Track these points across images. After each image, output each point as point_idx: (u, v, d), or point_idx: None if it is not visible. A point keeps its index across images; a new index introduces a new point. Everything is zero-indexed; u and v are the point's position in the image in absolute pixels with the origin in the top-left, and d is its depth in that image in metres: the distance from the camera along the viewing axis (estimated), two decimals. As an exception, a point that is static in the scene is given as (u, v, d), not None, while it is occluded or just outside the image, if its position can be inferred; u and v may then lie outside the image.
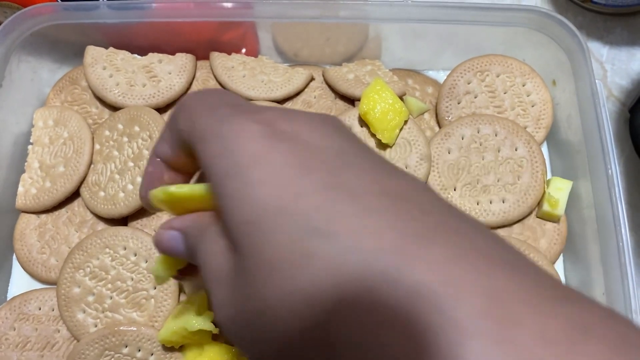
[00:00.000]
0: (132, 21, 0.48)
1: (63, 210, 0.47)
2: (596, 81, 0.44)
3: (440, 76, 0.52)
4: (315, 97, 0.51)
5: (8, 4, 0.52)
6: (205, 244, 0.23)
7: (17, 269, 0.47)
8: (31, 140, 0.49)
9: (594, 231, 0.42)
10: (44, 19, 0.48)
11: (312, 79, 0.51)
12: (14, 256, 0.47)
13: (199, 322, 0.39)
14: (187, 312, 0.40)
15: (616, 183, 0.41)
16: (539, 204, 0.45)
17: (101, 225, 0.47)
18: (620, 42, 0.57)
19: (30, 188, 0.47)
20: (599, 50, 0.57)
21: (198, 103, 0.24)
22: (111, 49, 0.50)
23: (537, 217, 0.45)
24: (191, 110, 0.24)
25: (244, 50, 0.52)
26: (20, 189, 0.47)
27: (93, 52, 0.50)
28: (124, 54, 0.50)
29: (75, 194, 0.47)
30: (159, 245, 0.27)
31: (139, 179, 0.45)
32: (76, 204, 0.47)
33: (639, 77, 0.55)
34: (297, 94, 0.50)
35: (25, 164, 0.48)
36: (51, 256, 0.46)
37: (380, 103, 0.45)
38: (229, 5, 0.46)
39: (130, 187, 0.45)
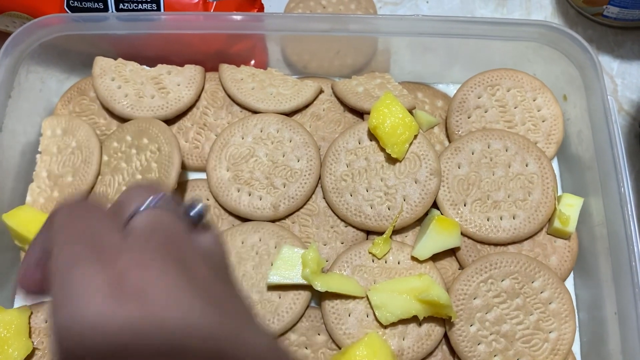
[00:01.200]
0: (141, 32, 0.48)
1: (70, 222, 0.47)
2: (608, 97, 0.43)
3: (450, 89, 0.52)
4: (324, 110, 0.50)
5: (17, 13, 0.52)
6: None
7: (23, 281, 0.46)
8: (39, 149, 0.49)
9: (606, 249, 0.42)
10: (53, 29, 0.48)
11: (321, 91, 0.51)
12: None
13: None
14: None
15: (629, 201, 0.41)
16: (550, 220, 0.44)
17: (108, 237, 0.46)
18: (631, 56, 0.56)
19: (39, 197, 0.47)
20: (609, 64, 0.56)
21: (64, 228, 0.24)
22: (120, 60, 0.50)
23: (548, 233, 0.45)
24: (56, 234, 0.24)
25: (252, 62, 0.52)
26: (29, 198, 0.47)
27: (102, 63, 0.50)
28: (132, 65, 0.50)
29: (82, 205, 0.47)
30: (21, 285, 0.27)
31: (147, 192, 0.44)
32: (83, 216, 0.47)
33: (650, 92, 0.55)
34: (306, 106, 0.50)
35: (34, 173, 0.48)
36: (58, 268, 0.46)
37: (390, 117, 0.44)
38: (238, 17, 0.46)
39: (138, 199, 0.45)
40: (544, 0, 0.59)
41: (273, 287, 0.43)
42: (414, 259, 0.43)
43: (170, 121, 0.49)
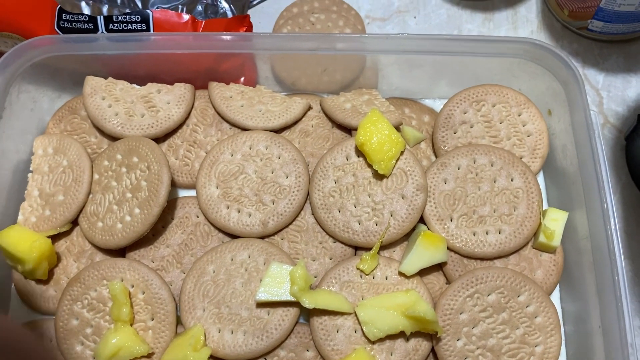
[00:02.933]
0: (131, 52, 0.48)
1: (62, 241, 0.47)
2: (591, 112, 0.44)
3: (437, 105, 0.53)
4: (312, 126, 0.51)
5: (8, 34, 0.52)
6: None
7: (15, 300, 0.47)
8: (31, 168, 0.49)
9: (590, 263, 0.42)
10: (44, 50, 0.48)
11: (310, 108, 0.51)
12: (13, 286, 0.47)
13: (195, 358, 0.39)
14: (183, 346, 0.40)
15: (612, 216, 0.41)
16: (535, 234, 0.45)
17: (99, 256, 0.47)
18: (616, 69, 0.57)
19: (30, 216, 0.47)
20: (594, 77, 0.57)
21: None
22: (110, 79, 0.51)
23: (534, 247, 0.45)
24: None
25: (242, 79, 0.53)
26: (20, 217, 0.48)
27: (92, 83, 0.50)
28: (122, 84, 0.51)
29: (73, 223, 0.47)
30: None
31: (137, 211, 0.45)
32: (75, 234, 0.48)
33: (635, 104, 0.56)
34: (295, 122, 0.51)
35: (25, 192, 0.48)
36: (49, 287, 0.46)
37: (377, 134, 0.45)
38: (227, 37, 0.47)
39: (128, 218, 0.45)
40: (530, 14, 0.60)
41: (262, 304, 0.43)
42: (401, 274, 0.44)
43: (160, 139, 0.50)
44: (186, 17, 0.51)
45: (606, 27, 0.55)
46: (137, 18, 0.51)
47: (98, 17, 0.51)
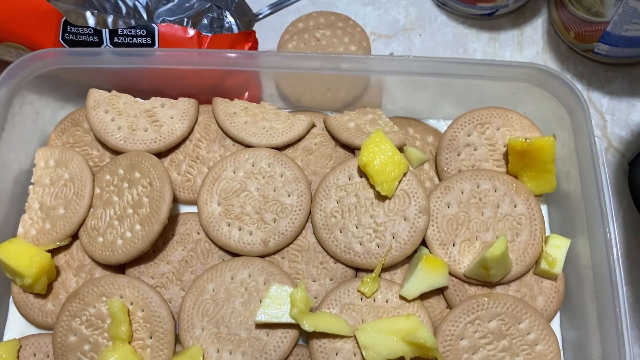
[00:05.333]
0: (135, 67, 0.48)
1: (61, 254, 0.47)
2: (596, 139, 0.44)
3: (441, 125, 0.52)
4: (315, 144, 0.51)
5: (12, 44, 0.52)
6: None
7: (13, 313, 0.47)
8: (32, 180, 0.49)
9: (592, 291, 0.42)
10: (48, 62, 0.48)
11: (313, 125, 0.51)
12: (11, 299, 0.47)
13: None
14: (182, 368, 0.40)
15: (614, 245, 0.41)
16: (537, 261, 0.45)
17: (99, 270, 0.47)
18: (621, 92, 0.57)
19: (30, 229, 0.47)
20: (599, 100, 0.57)
21: None
22: (114, 92, 0.51)
23: (535, 273, 0.45)
24: None
25: (246, 94, 0.53)
26: (20, 229, 0.47)
27: (95, 95, 0.50)
28: (126, 98, 0.51)
29: (73, 237, 0.47)
30: None
31: (138, 227, 0.45)
32: (74, 248, 0.48)
33: (638, 129, 0.56)
34: (298, 140, 0.51)
35: (26, 204, 0.48)
36: (48, 301, 0.46)
37: (380, 155, 0.45)
38: (232, 55, 0.47)
39: (128, 234, 0.45)
40: (536, 35, 0.60)
41: (261, 325, 0.43)
42: (402, 297, 0.43)
43: (163, 153, 0.50)
44: (192, 32, 0.50)
45: (612, 50, 0.55)
46: (143, 32, 0.50)
47: (103, 30, 0.51)
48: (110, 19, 0.57)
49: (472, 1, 0.58)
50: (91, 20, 0.57)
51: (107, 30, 0.51)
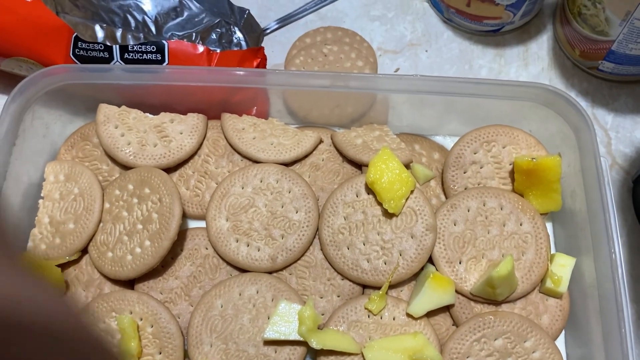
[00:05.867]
0: (145, 83, 0.49)
1: (71, 269, 0.48)
2: (601, 158, 0.44)
3: (447, 142, 0.53)
4: (323, 160, 0.51)
5: (23, 59, 0.52)
6: None
7: (23, 327, 0.47)
8: (42, 195, 0.49)
9: (597, 310, 0.43)
10: (60, 78, 0.48)
11: (321, 141, 0.52)
12: (21, 313, 0.47)
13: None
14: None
15: (619, 265, 0.42)
16: (542, 279, 0.45)
17: (108, 285, 0.47)
18: (625, 109, 0.58)
19: (40, 244, 0.48)
20: (603, 118, 0.57)
21: None
22: (123, 107, 0.51)
23: (540, 292, 0.46)
24: None
25: (254, 110, 0.53)
26: (30, 244, 0.48)
27: (105, 111, 0.50)
28: (136, 113, 0.51)
29: (83, 251, 0.48)
30: None
31: (147, 243, 0.45)
32: (84, 262, 0.48)
33: (643, 146, 0.56)
34: (306, 156, 0.51)
35: (36, 218, 0.48)
36: (57, 315, 0.46)
37: (387, 173, 0.45)
38: (241, 73, 0.47)
39: (138, 250, 0.45)
40: (541, 52, 0.60)
41: (270, 342, 0.43)
42: (409, 315, 0.44)
43: (171, 168, 0.50)
44: (201, 48, 0.51)
45: (617, 68, 0.55)
46: (153, 48, 0.51)
47: (113, 46, 0.51)
48: (119, 33, 0.58)
49: (478, 18, 0.58)
50: (100, 34, 0.58)
51: (117, 46, 0.51)
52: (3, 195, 0.47)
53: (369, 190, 0.47)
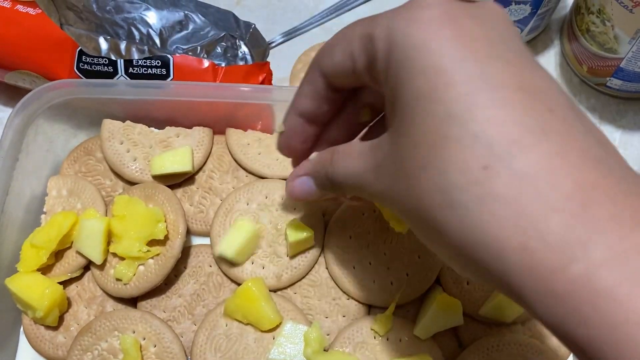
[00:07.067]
0: (149, 98, 0.48)
1: (73, 285, 0.47)
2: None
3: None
4: (328, 176, 0.51)
5: (27, 72, 0.52)
6: (340, 162, 0.31)
7: (24, 344, 0.46)
8: (44, 210, 0.49)
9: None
10: (64, 92, 0.48)
11: (327, 157, 0.51)
12: (22, 330, 0.47)
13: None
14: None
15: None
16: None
17: (110, 303, 0.46)
18: (633, 126, 0.57)
19: (41, 259, 0.47)
20: (611, 134, 0.57)
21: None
22: (128, 122, 0.50)
23: (549, 313, 0.45)
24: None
25: (259, 124, 0.53)
26: (31, 259, 0.47)
27: (110, 126, 0.50)
28: (141, 128, 0.51)
29: (85, 268, 0.47)
30: (293, 194, 0.35)
31: (150, 261, 0.45)
32: (86, 279, 0.47)
33: (651, 164, 0.56)
34: (311, 172, 0.51)
35: (37, 233, 0.48)
36: (59, 333, 0.46)
37: (395, 191, 0.45)
38: (246, 89, 0.47)
39: (141, 268, 0.45)
40: (549, 67, 0.60)
41: (274, 363, 0.43)
42: (415, 336, 0.43)
43: (176, 184, 0.50)
44: (206, 63, 0.51)
45: (625, 85, 0.55)
46: (158, 63, 0.51)
47: (118, 60, 0.51)
48: (123, 45, 0.58)
49: (485, 33, 0.58)
50: (104, 46, 0.58)
51: (122, 60, 0.51)
52: (5, 209, 0.46)
53: (376, 208, 0.46)
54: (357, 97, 0.35)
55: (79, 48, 0.51)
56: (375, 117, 0.36)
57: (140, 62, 0.51)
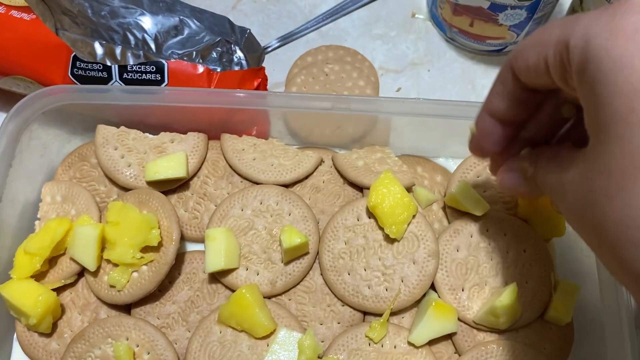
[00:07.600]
0: (144, 104, 0.48)
1: (66, 292, 0.47)
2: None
3: (450, 164, 0.52)
4: (324, 182, 0.51)
5: (21, 77, 0.52)
6: (543, 167, 0.30)
7: (17, 351, 0.46)
8: (39, 216, 0.49)
9: (601, 337, 0.42)
10: (58, 98, 0.48)
11: (322, 161, 0.51)
12: (15, 337, 0.46)
13: None
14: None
15: (625, 291, 0.41)
16: (546, 307, 0.44)
17: (104, 309, 0.46)
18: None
19: (35, 266, 0.47)
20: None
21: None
22: (122, 128, 0.50)
23: (544, 319, 0.45)
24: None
25: (254, 130, 0.52)
26: (25, 266, 0.47)
27: (104, 132, 0.50)
28: (135, 133, 0.50)
29: (79, 274, 0.47)
30: (503, 186, 0.35)
31: (144, 267, 0.44)
32: (80, 285, 0.47)
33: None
34: (307, 177, 0.50)
35: (31, 240, 0.48)
36: (52, 340, 0.45)
37: (389, 197, 0.45)
38: (241, 95, 0.47)
39: (135, 275, 0.45)
40: (544, 72, 0.60)
41: (268, 370, 0.42)
42: (410, 343, 0.43)
43: (170, 189, 0.50)
44: (201, 68, 0.50)
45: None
46: (152, 68, 0.50)
47: (112, 66, 0.51)
48: (118, 50, 0.57)
49: (481, 38, 0.58)
50: (99, 50, 0.57)
51: (116, 66, 0.51)
52: (-1, 216, 0.46)
53: (370, 214, 0.46)
54: (558, 93, 0.32)
55: (73, 53, 0.51)
56: (578, 114, 0.33)
57: (134, 68, 0.51)
